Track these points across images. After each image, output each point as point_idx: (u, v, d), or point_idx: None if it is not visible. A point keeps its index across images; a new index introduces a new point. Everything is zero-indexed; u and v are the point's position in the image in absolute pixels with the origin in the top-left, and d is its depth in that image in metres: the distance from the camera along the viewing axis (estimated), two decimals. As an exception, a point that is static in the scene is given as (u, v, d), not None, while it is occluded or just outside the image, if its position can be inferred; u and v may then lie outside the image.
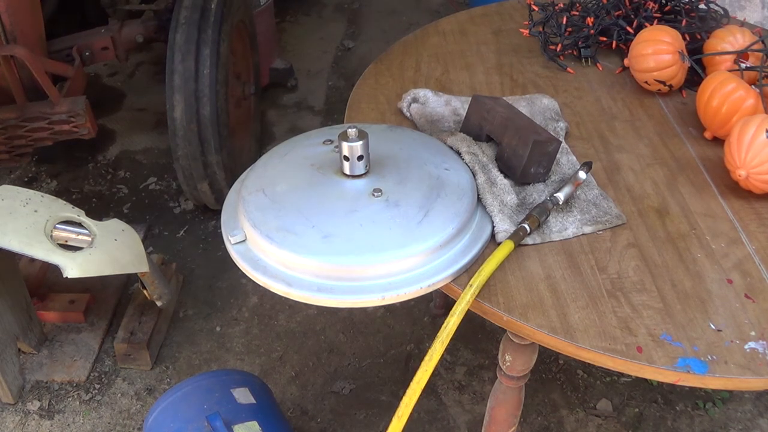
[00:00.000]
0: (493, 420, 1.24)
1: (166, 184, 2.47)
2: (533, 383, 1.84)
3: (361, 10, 3.56)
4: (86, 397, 1.81)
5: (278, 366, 1.90)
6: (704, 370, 0.86)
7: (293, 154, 1.08)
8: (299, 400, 1.82)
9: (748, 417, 1.82)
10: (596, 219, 1.05)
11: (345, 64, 3.15)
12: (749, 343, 0.89)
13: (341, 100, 2.86)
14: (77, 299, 1.95)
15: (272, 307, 2.05)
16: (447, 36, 1.51)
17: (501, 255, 0.95)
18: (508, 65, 1.42)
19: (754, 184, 1.08)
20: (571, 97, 1.34)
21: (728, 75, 1.21)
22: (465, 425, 1.78)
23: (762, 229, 1.06)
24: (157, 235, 2.28)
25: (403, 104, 1.26)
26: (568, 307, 0.93)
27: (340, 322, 2.01)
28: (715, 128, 1.21)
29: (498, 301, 0.93)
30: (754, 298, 0.95)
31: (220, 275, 2.14)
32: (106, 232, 1.59)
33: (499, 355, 1.13)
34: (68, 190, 2.42)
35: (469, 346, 1.95)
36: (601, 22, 1.45)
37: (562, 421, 1.80)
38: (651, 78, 1.31)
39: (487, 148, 1.12)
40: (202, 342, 1.96)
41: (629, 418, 1.81)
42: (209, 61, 1.99)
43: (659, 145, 1.23)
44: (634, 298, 0.94)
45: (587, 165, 1.10)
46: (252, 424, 1.37)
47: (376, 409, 1.80)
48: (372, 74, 1.39)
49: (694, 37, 1.40)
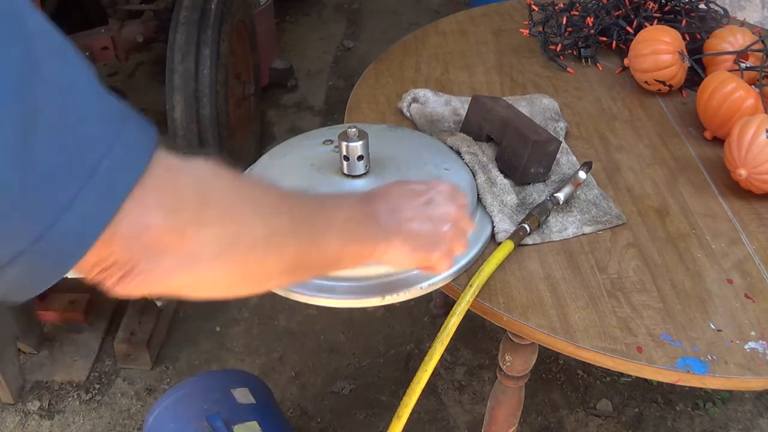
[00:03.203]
0: (493, 420, 1.24)
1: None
2: (533, 383, 1.84)
3: (361, 10, 3.56)
4: (86, 397, 1.81)
5: (278, 366, 1.90)
6: (704, 370, 0.86)
7: (293, 154, 1.08)
8: (299, 400, 1.82)
9: (748, 417, 1.82)
10: (596, 219, 1.05)
11: (345, 64, 3.15)
12: (749, 343, 0.89)
13: (341, 100, 2.85)
14: (77, 299, 1.95)
15: (272, 307, 2.05)
16: (447, 36, 1.51)
17: (501, 255, 0.95)
18: (508, 65, 1.42)
19: (754, 184, 1.08)
20: (571, 97, 1.34)
21: (728, 75, 1.21)
22: (465, 425, 1.78)
23: (762, 229, 1.06)
24: (157, 235, 2.28)
25: (403, 104, 1.26)
26: (568, 307, 0.93)
27: (340, 322, 2.01)
28: (715, 128, 1.21)
29: (498, 301, 0.93)
30: (754, 298, 0.95)
31: (220, 275, 2.14)
32: (106, 232, 1.59)
33: (499, 355, 1.13)
34: (68, 190, 2.42)
35: (469, 346, 1.95)
36: (601, 22, 1.45)
37: (562, 421, 1.80)
38: (651, 78, 1.31)
39: (487, 148, 1.12)
40: (202, 342, 1.96)
41: (629, 418, 1.81)
42: (209, 61, 1.99)
43: (659, 145, 1.23)
44: (634, 298, 0.94)
45: (587, 165, 1.10)
46: (252, 424, 1.37)
47: (376, 409, 1.80)
48: (372, 74, 1.39)
49: (694, 37, 1.40)
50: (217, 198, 0.57)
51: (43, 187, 0.44)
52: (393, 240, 0.77)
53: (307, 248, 0.68)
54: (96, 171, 0.46)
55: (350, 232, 0.73)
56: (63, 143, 0.45)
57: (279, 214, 0.64)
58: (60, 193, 0.45)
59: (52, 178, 0.44)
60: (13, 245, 0.45)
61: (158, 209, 0.51)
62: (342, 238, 0.72)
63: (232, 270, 0.60)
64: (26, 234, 0.45)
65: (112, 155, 0.47)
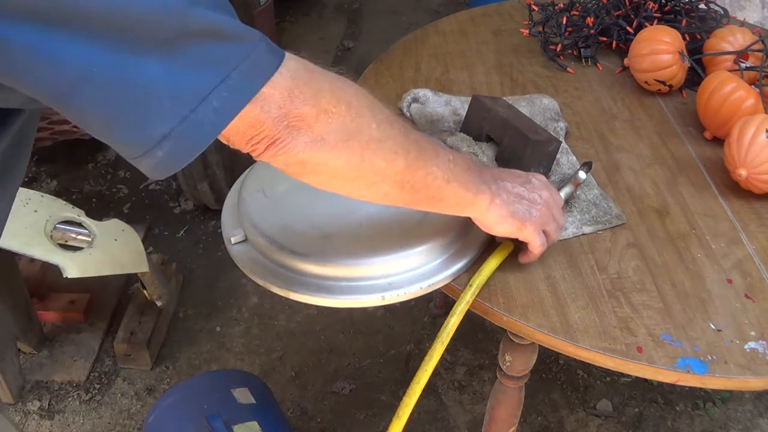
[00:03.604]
0: (493, 420, 1.24)
1: (166, 184, 2.47)
2: (533, 383, 1.84)
3: (361, 10, 3.56)
4: (86, 397, 1.81)
5: (278, 366, 1.90)
6: (704, 370, 0.86)
7: (293, 154, 1.08)
8: (299, 400, 1.82)
9: (748, 417, 1.82)
10: (596, 219, 1.05)
11: (345, 64, 3.15)
12: (749, 343, 0.89)
13: (341, 100, 2.85)
14: (77, 299, 1.95)
15: (272, 307, 2.05)
16: (447, 36, 1.51)
17: (501, 255, 0.96)
18: (508, 65, 1.42)
19: (754, 184, 1.08)
20: (571, 97, 1.34)
21: (728, 75, 1.21)
22: (465, 425, 1.78)
23: (762, 229, 1.06)
24: (157, 235, 2.28)
25: (403, 104, 1.26)
26: (568, 307, 0.93)
27: (340, 322, 2.01)
28: (715, 128, 1.21)
29: (498, 301, 0.93)
30: (754, 298, 0.95)
31: (220, 275, 2.14)
32: (106, 232, 1.59)
33: (499, 355, 1.13)
34: (68, 190, 2.42)
35: (469, 346, 1.95)
36: (601, 22, 1.45)
37: (562, 421, 1.80)
38: (651, 78, 1.31)
39: (487, 148, 1.12)
40: (202, 342, 1.96)
41: (629, 418, 1.81)
42: (209, 61, 1.98)
43: (659, 145, 1.23)
44: (634, 298, 0.94)
45: (587, 165, 1.10)
46: (252, 424, 1.37)
47: (376, 409, 1.80)
48: (372, 74, 1.39)
49: (694, 37, 1.40)
50: (346, 98, 0.69)
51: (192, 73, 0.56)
52: (495, 199, 0.85)
53: (415, 166, 0.77)
54: (238, 66, 0.58)
55: (453, 172, 0.81)
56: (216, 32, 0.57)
57: (393, 127, 0.75)
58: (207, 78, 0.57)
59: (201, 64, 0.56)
60: (164, 124, 0.56)
61: (297, 98, 0.64)
62: (447, 172, 0.80)
63: (349, 159, 0.71)
64: (175, 114, 0.56)
65: (252, 56, 0.60)
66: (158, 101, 0.55)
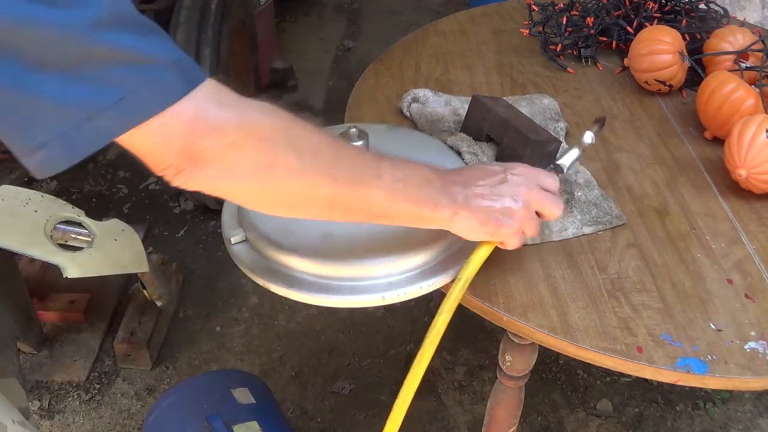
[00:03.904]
0: (493, 420, 1.24)
1: (166, 184, 2.44)
2: (533, 383, 1.84)
3: (361, 10, 3.56)
4: (86, 397, 1.81)
5: (278, 366, 1.90)
6: (704, 370, 0.86)
7: (293, 154, 1.08)
8: (299, 400, 1.82)
9: (748, 417, 1.82)
10: (596, 219, 1.05)
11: (345, 64, 3.15)
12: (749, 343, 0.89)
13: (341, 100, 2.84)
14: (77, 299, 1.95)
15: (272, 307, 2.05)
16: (447, 36, 1.51)
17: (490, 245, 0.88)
18: (508, 65, 1.42)
19: (754, 184, 1.08)
20: (571, 97, 1.34)
21: (728, 75, 1.21)
22: (465, 425, 1.78)
23: (762, 229, 1.06)
24: (157, 235, 2.28)
25: (403, 104, 1.26)
26: (568, 307, 0.93)
27: (340, 322, 2.01)
28: (715, 128, 1.21)
29: (498, 301, 0.93)
30: (754, 298, 0.95)
31: (220, 275, 2.14)
32: (106, 232, 1.59)
33: (499, 355, 1.13)
34: (68, 190, 2.42)
35: (469, 346, 1.95)
36: (601, 22, 1.45)
37: (562, 421, 1.80)
38: (651, 78, 1.31)
39: (487, 148, 1.12)
40: (202, 342, 1.96)
41: (629, 418, 1.81)
42: (209, 60, 1.99)
43: (659, 145, 1.23)
44: (634, 298, 0.94)
45: (600, 122, 1.00)
46: (252, 424, 1.37)
47: (376, 409, 1.80)
48: (372, 74, 1.39)
49: (694, 37, 1.40)
50: (258, 132, 0.69)
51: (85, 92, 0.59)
52: (460, 210, 0.82)
53: (345, 191, 0.76)
54: (138, 90, 0.60)
55: (404, 190, 0.79)
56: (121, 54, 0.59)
57: (318, 156, 0.73)
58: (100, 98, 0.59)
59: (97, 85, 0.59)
60: (43, 134, 0.59)
61: (199, 131, 0.64)
62: (392, 192, 0.78)
63: (264, 191, 0.72)
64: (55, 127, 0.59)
65: (155, 81, 0.61)
66: (43, 113, 0.59)
